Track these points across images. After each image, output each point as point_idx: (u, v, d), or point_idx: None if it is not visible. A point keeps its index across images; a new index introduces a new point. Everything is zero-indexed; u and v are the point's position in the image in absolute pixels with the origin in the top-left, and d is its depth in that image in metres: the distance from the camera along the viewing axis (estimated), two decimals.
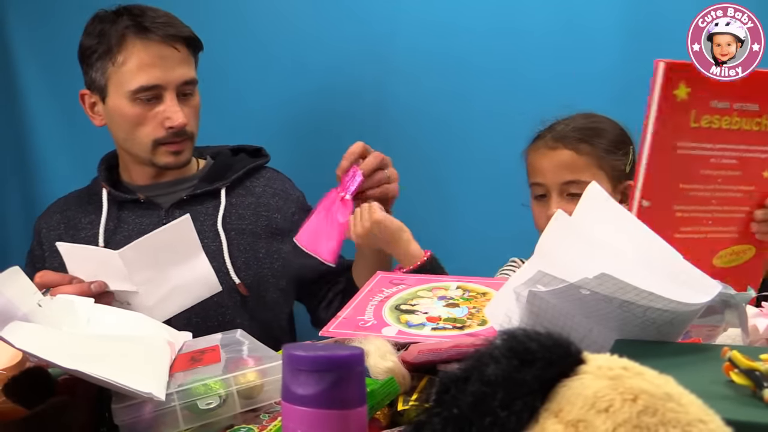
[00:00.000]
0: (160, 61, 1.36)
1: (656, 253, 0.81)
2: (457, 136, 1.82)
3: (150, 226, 1.41)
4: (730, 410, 0.48)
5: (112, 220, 1.44)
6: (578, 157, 1.39)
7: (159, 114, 1.37)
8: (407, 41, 1.81)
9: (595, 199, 0.88)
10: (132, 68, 1.36)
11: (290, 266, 1.48)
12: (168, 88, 1.36)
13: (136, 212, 1.44)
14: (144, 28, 1.36)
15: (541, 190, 1.43)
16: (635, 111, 1.59)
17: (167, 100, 1.37)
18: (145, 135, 1.39)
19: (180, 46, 1.38)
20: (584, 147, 1.39)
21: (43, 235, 1.48)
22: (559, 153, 1.40)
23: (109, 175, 1.51)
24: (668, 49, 1.72)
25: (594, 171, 1.39)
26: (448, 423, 0.46)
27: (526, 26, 1.79)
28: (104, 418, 0.78)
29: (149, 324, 1.01)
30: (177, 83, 1.37)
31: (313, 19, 1.82)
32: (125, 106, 1.38)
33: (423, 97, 1.82)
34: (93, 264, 1.20)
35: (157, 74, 1.35)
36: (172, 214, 1.42)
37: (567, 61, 1.76)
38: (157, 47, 1.36)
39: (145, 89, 1.36)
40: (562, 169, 1.39)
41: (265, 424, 0.76)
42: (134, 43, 1.36)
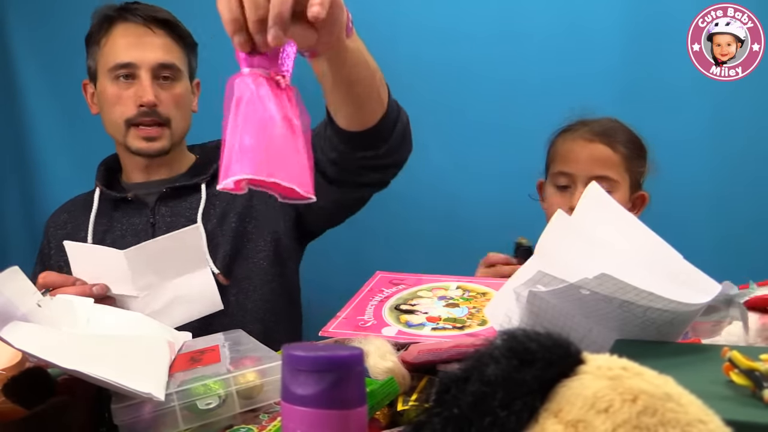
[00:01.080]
0: (135, 40, 1.40)
1: (656, 254, 0.81)
2: (458, 138, 1.83)
3: (139, 225, 1.43)
4: (729, 410, 0.48)
5: (105, 219, 1.44)
6: (613, 155, 1.40)
7: (133, 94, 1.40)
8: (408, 45, 1.81)
9: (595, 199, 0.88)
10: (111, 48, 1.42)
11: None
12: (142, 68, 1.39)
13: (126, 211, 1.45)
14: (125, 11, 1.43)
15: (566, 180, 1.42)
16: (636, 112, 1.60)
17: (141, 79, 1.40)
18: (119, 114, 1.41)
19: (156, 29, 1.42)
20: (618, 146, 1.41)
21: (50, 233, 1.51)
22: (597, 146, 1.41)
23: (108, 176, 1.52)
24: (668, 49, 1.73)
25: (621, 173, 1.41)
26: (448, 423, 0.46)
27: (527, 30, 1.79)
28: (104, 418, 0.78)
29: (149, 324, 1.01)
30: (152, 64, 1.40)
31: None
32: (107, 86, 1.43)
33: (424, 97, 1.82)
34: (97, 264, 1.20)
35: (132, 53, 1.40)
36: (158, 211, 1.43)
37: (568, 64, 1.76)
38: (134, 28, 1.41)
39: (120, 66, 1.40)
40: (596, 163, 1.40)
41: (265, 424, 0.76)
42: (115, 25, 1.42)
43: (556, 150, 1.47)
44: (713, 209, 1.74)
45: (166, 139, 1.43)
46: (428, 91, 1.82)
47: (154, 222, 1.43)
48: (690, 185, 1.74)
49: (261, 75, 0.75)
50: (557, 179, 1.44)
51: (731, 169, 1.74)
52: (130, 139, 1.42)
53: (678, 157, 1.72)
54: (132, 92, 1.40)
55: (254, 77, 0.75)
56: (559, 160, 1.45)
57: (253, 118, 0.72)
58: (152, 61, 1.40)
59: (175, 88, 1.43)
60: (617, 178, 1.40)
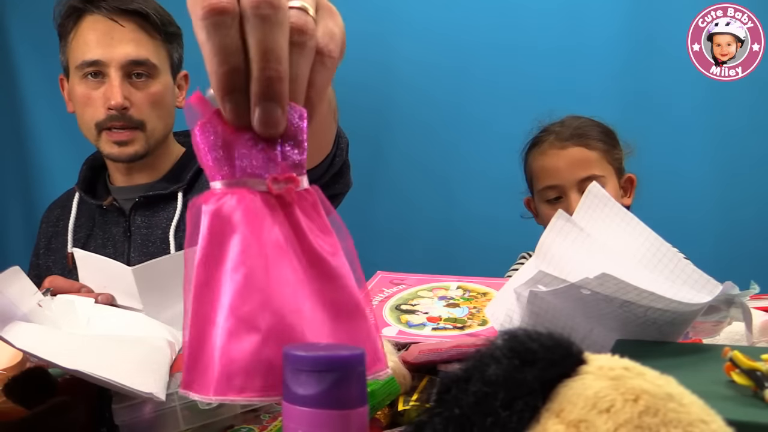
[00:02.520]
0: (103, 36, 1.28)
1: (657, 253, 0.81)
2: (458, 139, 1.83)
3: (117, 235, 1.35)
4: (731, 410, 0.48)
5: (89, 223, 1.37)
6: (589, 152, 1.41)
7: (101, 95, 1.29)
8: (408, 49, 1.81)
9: (595, 199, 0.88)
10: (78, 43, 1.31)
11: None
12: (111, 66, 1.28)
13: (106, 218, 1.37)
14: (90, 2, 1.30)
15: (555, 192, 1.42)
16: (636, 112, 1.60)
17: (110, 79, 1.28)
18: (90, 117, 1.31)
19: (125, 22, 1.29)
20: (591, 142, 1.42)
21: (42, 230, 1.46)
22: (570, 151, 1.41)
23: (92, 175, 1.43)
24: (668, 49, 1.73)
25: (604, 165, 1.41)
26: (449, 423, 0.46)
27: (527, 30, 1.80)
28: (104, 418, 0.78)
29: (149, 324, 1.01)
30: (121, 62, 1.28)
31: None
32: (75, 84, 1.33)
33: (424, 99, 1.82)
34: (105, 275, 1.18)
35: (98, 50, 1.28)
36: (133, 222, 1.34)
37: (568, 64, 1.77)
38: (101, 22, 1.29)
39: (88, 64, 1.29)
40: (576, 166, 1.40)
41: (266, 424, 0.76)
42: (83, 18, 1.31)
43: (533, 166, 1.48)
44: (713, 208, 1.75)
45: (139, 143, 1.31)
46: (428, 93, 1.82)
47: (131, 234, 1.33)
48: (690, 185, 1.74)
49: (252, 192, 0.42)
50: (546, 194, 1.44)
51: (731, 168, 1.74)
52: (102, 144, 1.32)
53: (678, 157, 1.72)
54: (101, 93, 1.29)
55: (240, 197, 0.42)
56: (541, 175, 1.45)
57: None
58: (122, 58, 1.28)
59: (150, 86, 1.31)
60: (603, 173, 1.41)
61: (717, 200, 1.74)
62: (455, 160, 1.83)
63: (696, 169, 1.74)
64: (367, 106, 1.84)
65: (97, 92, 1.29)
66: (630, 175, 1.48)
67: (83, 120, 1.33)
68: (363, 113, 1.84)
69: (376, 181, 1.87)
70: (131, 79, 1.30)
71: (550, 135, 1.45)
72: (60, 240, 1.32)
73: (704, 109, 1.74)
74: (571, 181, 1.39)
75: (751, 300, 0.94)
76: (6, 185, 1.92)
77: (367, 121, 1.85)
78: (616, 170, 1.44)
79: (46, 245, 1.41)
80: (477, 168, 1.82)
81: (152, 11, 1.31)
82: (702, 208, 1.74)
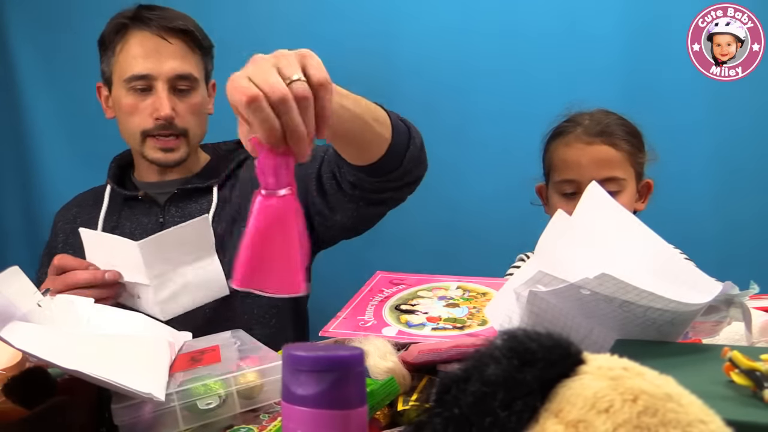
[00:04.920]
0: (151, 52, 1.38)
1: (657, 253, 0.81)
2: (460, 136, 1.83)
3: (149, 224, 1.43)
4: (730, 410, 0.48)
5: (113, 217, 1.45)
6: (615, 153, 1.35)
7: (149, 105, 1.39)
8: (410, 43, 1.81)
9: (595, 199, 0.88)
10: (127, 58, 1.40)
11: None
12: (159, 80, 1.38)
13: (136, 209, 1.45)
14: (140, 19, 1.40)
15: (572, 187, 1.37)
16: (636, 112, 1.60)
17: (158, 91, 1.38)
18: (136, 125, 1.41)
19: (172, 39, 1.39)
20: (620, 142, 1.36)
21: (59, 227, 1.51)
22: (597, 148, 1.35)
23: (120, 173, 1.53)
24: (668, 49, 1.73)
25: (627, 168, 1.36)
26: (448, 423, 0.46)
27: (527, 30, 1.79)
28: (104, 418, 0.78)
29: (149, 324, 1.01)
30: (168, 76, 1.38)
31: (315, 17, 1.82)
32: (122, 95, 1.41)
33: (424, 98, 1.82)
34: (111, 253, 1.21)
35: (147, 65, 1.38)
36: (168, 211, 1.44)
37: (569, 64, 1.77)
38: (150, 38, 1.39)
39: (137, 78, 1.38)
40: (600, 165, 1.34)
41: (265, 424, 0.76)
42: (132, 33, 1.40)
43: (554, 156, 1.42)
44: (714, 208, 1.75)
45: (183, 149, 1.43)
46: (428, 92, 1.82)
47: (164, 222, 1.43)
48: (690, 185, 1.74)
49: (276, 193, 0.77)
50: (562, 187, 1.39)
51: (731, 169, 1.74)
52: (147, 150, 1.42)
53: (678, 157, 1.72)
54: (149, 104, 1.39)
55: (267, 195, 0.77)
56: (561, 167, 1.39)
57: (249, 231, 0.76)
58: (169, 73, 1.38)
59: (192, 97, 1.42)
60: (624, 175, 1.36)
61: (717, 200, 1.74)
62: (455, 160, 1.83)
63: (696, 169, 1.74)
64: None
65: (144, 103, 1.39)
66: (648, 181, 1.43)
67: (128, 127, 1.43)
68: None
69: None
70: (175, 91, 1.41)
71: (577, 127, 1.39)
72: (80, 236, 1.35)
73: (704, 109, 1.73)
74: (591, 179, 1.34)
75: (751, 300, 0.94)
76: (6, 185, 1.92)
77: None
78: (636, 174, 1.38)
79: (65, 240, 1.48)
80: (477, 168, 1.82)
81: (194, 29, 1.43)
82: (702, 208, 1.74)
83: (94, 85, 1.77)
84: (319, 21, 1.83)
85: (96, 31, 1.89)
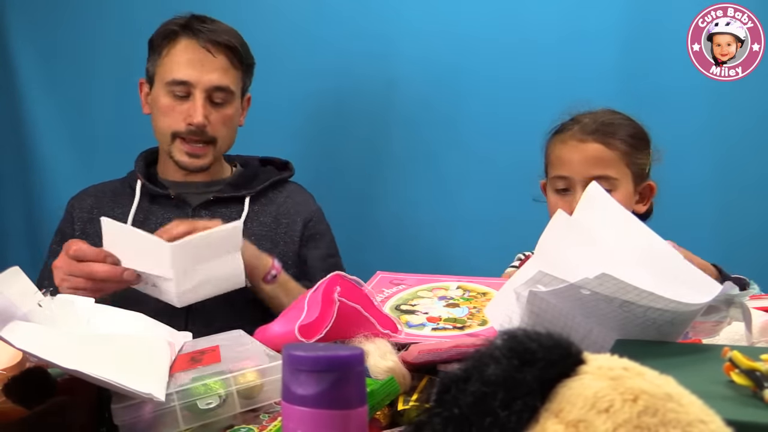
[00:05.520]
0: (195, 61, 1.45)
1: (657, 253, 0.81)
2: (458, 139, 1.82)
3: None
4: (730, 410, 0.48)
5: (142, 212, 1.48)
6: (608, 152, 1.35)
7: (185, 110, 1.45)
8: (409, 48, 1.81)
9: (595, 199, 0.88)
10: (171, 62, 1.47)
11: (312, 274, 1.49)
12: (197, 88, 1.44)
13: (165, 207, 1.49)
14: (192, 29, 1.47)
15: (564, 183, 1.38)
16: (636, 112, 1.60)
17: (195, 98, 1.45)
18: (168, 125, 1.47)
19: (217, 53, 1.46)
20: (614, 142, 1.36)
21: (75, 215, 1.52)
22: (589, 146, 1.36)
23: (146, 169, 1.56)
24: (668, 49, 1.73)
25: (621, 168, 1.36)
26: (448, 423, 0.46)
27: (526, 30, 1.79)
28: (104, 418, 0.78)
29: (149, 324, 1.01)
30: (206, 86, 1.45)
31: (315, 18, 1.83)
32: (161, 95, 1.47)
33: (424, 98, 1.82)
34: (134, 247, 1.22)
35: (189, 72, 1.45)
36: (198, 213, 1.48)
37: (568, 64, 1.76)
38: (196, 49, 1.45)
39: (177, 83, 1.45)
40: (592, 164, 1.35)
41: (265, 424, 0.76)
42: (181, 40, 1.47)
43: (550, 152, 1.44)
44: (713, 209, 1.74)
45: (208, 156, 1.49)
46: (428, 92, 1.82)
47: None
48: (690, 185, 1.73)
49: None
50: (555, 183, 1.40)
51: (731, 168, 1.74)
52: (174, 151, 1.48)
53: (678, 157, 1.72)
54: (184, 108, 1.45)
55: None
56: (556, 163, 1.41)
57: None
58: (208, 84, 1.44)
59: (225, 109, 1.48)
60: (617, 175, 1.36)
61: (717, 200, 1.74)
62: (455, 160, 1.82)
63: (696, 170, 1.74)
64: (366, 107, 1.84)
65: (180, 107, 1.46)
66: (651, 183, 1.42)
67: (160, 125, 1.49)
68: (363, 114, 1.84)
69: (375, 181, 1.86)
70: (211, 101, 1.46)
71: (575, 125, 1.40)
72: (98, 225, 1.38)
73: (704, 109, 1.73)
74: (581, 177, 1.35)
75: (751, 300, 0.94)
76: (6, 186, 1.92)
77: (367, 122, 1.85)
78: (634, 175, 1.37)
79: (82, 228, 1.49)
80: (477, 168, 1.82)
81: (239, 45, 1.50)
82: (702, 208, 1.74)
83: (95, 86, 1.77)
84: (318, 22, 1.83)
85: (97, 32, 1.90)
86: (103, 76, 1.87)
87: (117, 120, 1.87)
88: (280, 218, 1.52)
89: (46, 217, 1.84)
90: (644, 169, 1.40)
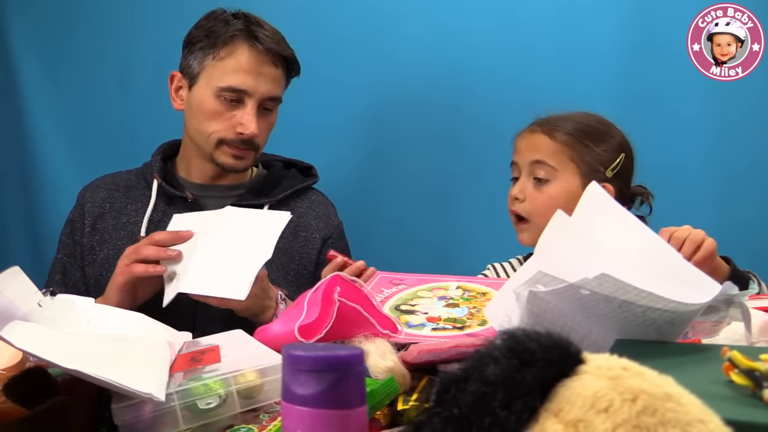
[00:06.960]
0: (254, 70, 1.41)
1: (656, 253, 0.81)
2: (458, 138, 1.82)
3: None
4: (729, 410, 0.48)
5: (158, 213, 1.46)
6: (550, 142, 1.40)
7: (235, 117, 1.42)
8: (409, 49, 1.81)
9: (595, 199, 0.88)
10: (229, 67, 1.41)
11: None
12: (252, 97, 1.41)
13: (181, 209, 1.44)
14: (254, 35, 1.42)
15: (516, 171, 1.44)
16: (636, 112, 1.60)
17: (248, 107, 1.41)
18: (215, 131, 1.43)
19: (279, 64, 1.44)
20: (560, 135, 1.40)
21: (86, 209, 1.49)
22: (535, 135, 1.42)
23: (163, 165, 1.52)
24: (668, 49, 1.73)
25: (562, 159, 1.39)
26: (448, 423, 0.46)
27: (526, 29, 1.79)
28: (104, 418, 0.78)
29: (149, 324, 1.01)
30: (262, 96, 1.42)
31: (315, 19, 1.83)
32: (208, 98, 1.42)
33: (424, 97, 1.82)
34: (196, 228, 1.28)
35: (248, 81, 1.41)
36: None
37: (568, 64, 1.76)
38: (258, 56, 1.41)
39: (232, 90, 1.41)
40: (533, 149, 1.41)
41: (265, 424, 0.76)
42: (241, 45, 1.41)
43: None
44: (713, 208, 1.74)
45: (251, 159, 1.47)
46: (428, 91, 1.82)
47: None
48: (690, 185, 1.73)
49: None
50: (512, 171, 1.46)
51: (731, 168, 1.74)
52: (219, 154, 1.44)
53: (678, 157, 1.72)
54: (235, 116, 1.41)
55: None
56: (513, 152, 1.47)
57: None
58: (263, 94, 1.42)
59: (271, 116, 1.48)
60: (556, 166, 1.39)
61: (717, 200, 1.74)
62: (455, 160, 1.82)
63: (696, 169, 1.74)
64: (366, 107, 1.84)
65: (230, 113, 1.42)
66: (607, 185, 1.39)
67: (203, 128, 1.44)
68: (363, 114, 1.84)
69: (376, 181, 1.86)
70: (261, 109, 1.44)
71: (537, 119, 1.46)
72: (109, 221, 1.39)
73: (704, 109, 1.73)
74: (524, 162, 1.41)
75: (751, 300, 0.94)
76: (7, 187, 1.92)
77: (367, 122, 1.85)
78: (581, 171, 1.38)
79: (92, 224, 1.47)
80: (477, 168, 1.82)
81: (294, 56, 1.47)
82: (701, 208, 1.74)
83: (95, 88, 1.76)
84: (318, 22, 1.83)
85: (97, 35, 1.89)
86: (104, 79, 1.87)
87: (118, 122, 1.87)
88: (299, 231, 1.48)
89: (47, 218, 1.84)
90: (600, 167, 1.39)
